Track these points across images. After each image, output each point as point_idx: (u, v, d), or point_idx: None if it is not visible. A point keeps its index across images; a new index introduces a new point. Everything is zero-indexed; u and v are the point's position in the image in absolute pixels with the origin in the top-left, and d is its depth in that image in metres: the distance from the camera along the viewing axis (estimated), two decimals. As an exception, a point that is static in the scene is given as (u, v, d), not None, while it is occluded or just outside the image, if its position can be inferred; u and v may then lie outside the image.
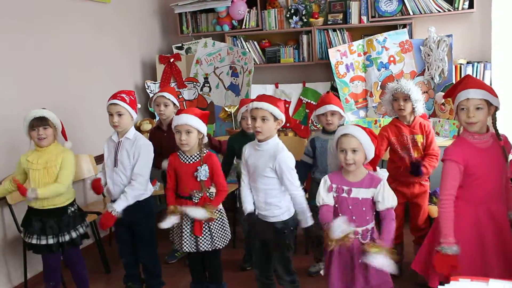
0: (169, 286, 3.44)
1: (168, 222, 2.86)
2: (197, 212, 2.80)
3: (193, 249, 2.91)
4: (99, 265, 3.81)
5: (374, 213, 2.46)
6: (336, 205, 2.45)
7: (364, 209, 2.41)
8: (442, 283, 1.71)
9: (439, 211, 2.42)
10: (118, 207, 2.93)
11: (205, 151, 2.90)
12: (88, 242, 4.15)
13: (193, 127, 2.80)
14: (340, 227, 2.31)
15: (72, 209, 3.08)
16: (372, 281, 2.41)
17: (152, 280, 3.27)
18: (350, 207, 2.41)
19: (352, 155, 2.38)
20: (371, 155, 2.44)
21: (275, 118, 2.58)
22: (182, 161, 2.89)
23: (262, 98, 2.62)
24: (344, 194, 2.43)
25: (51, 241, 2.98)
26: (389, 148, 3.35)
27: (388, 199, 2.41)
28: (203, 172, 2.83)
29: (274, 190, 2.64)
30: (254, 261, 2.88)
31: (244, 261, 3.73)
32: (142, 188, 3.03)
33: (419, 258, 2.63)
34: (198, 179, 2.83)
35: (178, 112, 2.92)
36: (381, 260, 2.30)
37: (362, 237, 2.42)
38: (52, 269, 3.12)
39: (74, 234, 3.06)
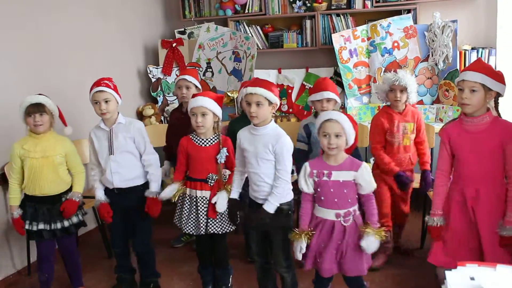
0: (171, 271, 3.47)
1: (169, 192, 2.92)
2: (223, 201, 2.85)
3: (203, 232, 2.92)
4: (101, 250, 3.83)
5: (357, 196, 2.52)
6: (319, 189, 2.51)
7: (345, 191, 2.48)
8: (449, 269, 1.74)
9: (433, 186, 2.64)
10: (155, 188, 3.01)
11: (220, 135, 2.93)
12: (90, 227, 4.18)
13: (208, 109, 2.82)
14: None
15: (67, 197, 3.00)
16: (345, 264, 2.49)
17: (146, 270, 3.21)
18: (332, 190, 2.48)
19: (335, 139, 2.45)
20: (351, 140, 2.51)
21: (270, 102, 2.58)
22: (197, 144, 2.90)
23: (255, 83, 2.60)
24: (325, 178, 2.50)
25: (41, 226, 2.93)
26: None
27: (370, 183, 2.48)
28: (223, 155, 2.88)
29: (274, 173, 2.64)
30: (254, 249, 2.86)
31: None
32: (158, 163, 3.10)
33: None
34: (219, 162, 2.88)
35: (193, 96, 2.95)
36: (369, 241, 2.43)
37: (344, 220, 2.47)
38: (44, 258, 3.06)
39: (66, 223, 2.99)
